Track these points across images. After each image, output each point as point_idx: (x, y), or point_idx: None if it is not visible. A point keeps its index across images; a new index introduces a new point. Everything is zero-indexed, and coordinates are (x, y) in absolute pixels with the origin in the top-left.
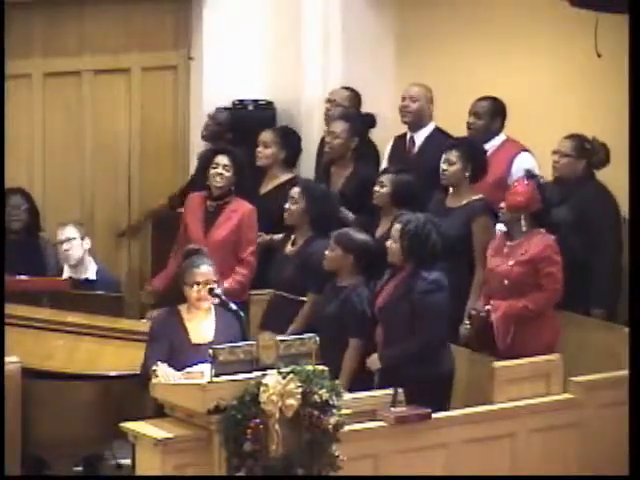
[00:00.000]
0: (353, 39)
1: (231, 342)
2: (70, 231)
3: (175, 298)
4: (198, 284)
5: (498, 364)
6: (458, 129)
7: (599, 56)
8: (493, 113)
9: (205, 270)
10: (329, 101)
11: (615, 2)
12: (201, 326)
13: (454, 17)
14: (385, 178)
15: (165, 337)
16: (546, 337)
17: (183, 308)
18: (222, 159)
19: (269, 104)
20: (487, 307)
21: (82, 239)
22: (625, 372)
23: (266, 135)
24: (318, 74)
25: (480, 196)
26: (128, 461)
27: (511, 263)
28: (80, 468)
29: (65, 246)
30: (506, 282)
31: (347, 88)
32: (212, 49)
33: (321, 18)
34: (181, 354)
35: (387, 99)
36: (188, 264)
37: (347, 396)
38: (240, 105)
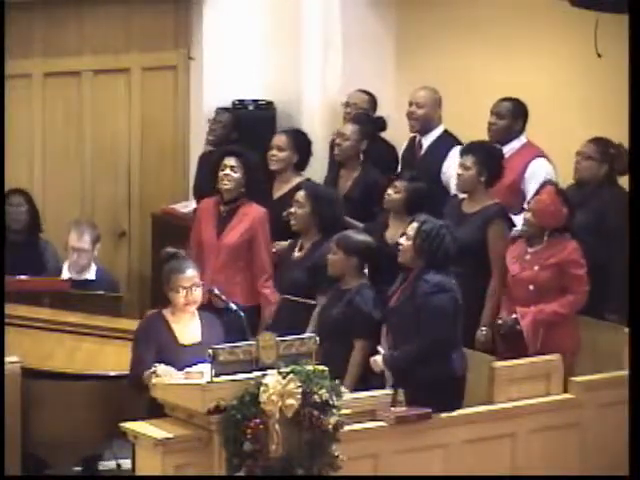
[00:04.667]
0: (353, 39)
1: (217, 343)
2: (86, 241)
3: None
4: (184, 289)
5: (498, 364)
6: (459, 129)
7: (599, 56)
8: (515, 114)
9: (191, 274)
10: (348, 105)
11: (615, 2)
12: (187, 328)
13: (454, 17)
14: (400, 184)
15: (152, 340)
16: (570, 341)
17: (167, 312)
18: (229, 161)
19: (269, 104)
20: (514, 315)
21: (94, 244)
22: (625, 372)
23: (280, 139)
24: (318, 74)
25: (495, 201)
26: (128, 461)
27: (536, 268)
28: (80, 468)
29: (74, 256)
30: (531, 287)
31: (364, 91)
32: (212, 49)
33: (321, 18)
34: (169, 356)
35: (387, 99)
36: (172, 269)
37: (347, 396)
38: (240, 105)
